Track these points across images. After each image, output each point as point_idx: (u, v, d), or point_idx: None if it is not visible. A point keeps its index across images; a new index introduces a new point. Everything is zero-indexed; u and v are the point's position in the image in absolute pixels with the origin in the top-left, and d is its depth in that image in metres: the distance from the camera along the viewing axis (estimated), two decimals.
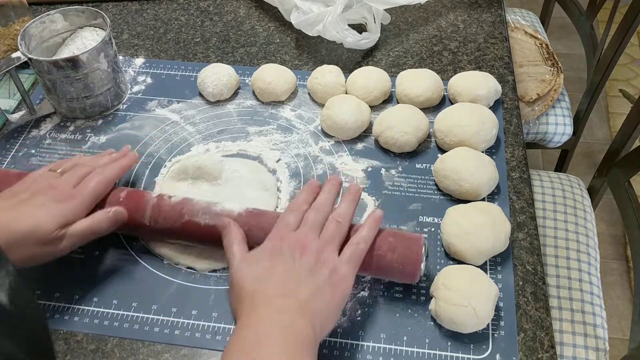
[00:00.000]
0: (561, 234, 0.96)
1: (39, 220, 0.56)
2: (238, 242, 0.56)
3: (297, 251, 0.53)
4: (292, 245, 0.53)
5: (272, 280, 0.51)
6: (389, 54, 0.89)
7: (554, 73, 1.25)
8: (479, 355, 0.56)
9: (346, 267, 0.53)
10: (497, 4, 0.98)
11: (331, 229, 0.56)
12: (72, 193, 0.59)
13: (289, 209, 0.57)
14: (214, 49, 0.91)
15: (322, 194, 0.59)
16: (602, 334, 0.85)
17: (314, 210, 0.57)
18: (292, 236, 0.54)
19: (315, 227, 0.55)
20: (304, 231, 0.55)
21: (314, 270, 0.52)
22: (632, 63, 2.09)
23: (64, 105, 0.78)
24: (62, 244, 0.57)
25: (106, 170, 0.63)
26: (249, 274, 0.52)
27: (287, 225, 0.56)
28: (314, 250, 0.53)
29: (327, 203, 0.58)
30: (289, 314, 0.49)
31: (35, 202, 0.57)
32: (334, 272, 0.52)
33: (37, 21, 0.77)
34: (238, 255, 0.54)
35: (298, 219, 0.56)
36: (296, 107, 0.81)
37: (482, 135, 0.71)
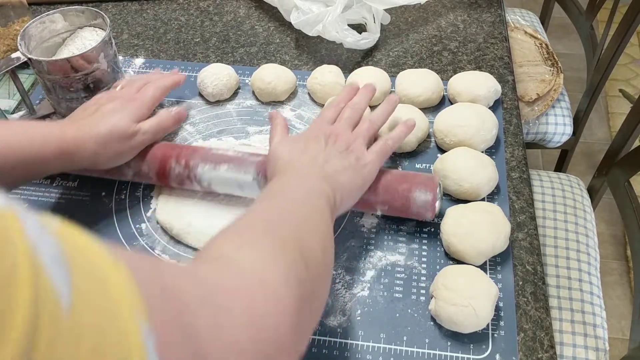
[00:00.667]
0: (561, 234, 0.96)
1: (114, 120, 0.64)
2: (281, 127, 0.64)
3: (331, 138, 0.60)
4: (327, 134, 0.61)
5: (305, 155, 0.58)
6: (389, 54, 0.89)
7: (553, 73, 1.25)
8: (478, 355, 0.56)
9: (372, 156, 0.60)
10: (497, 4, 0.98)
11: (364, 127, 0.63)
12: (135, 97, 0.68)
13: (329, 105, 0.66)
14: (214, 49, 0.91)
15: (358, 95, 0.67)
16: (602, 334, 0.85)
17: (349, 107, 0.65)
18: (329, 127, 0.62)
19: (350, 122, 0.63)
20: (340, 124, 0.63)
21: (343, 154, 0.59)
22: (632, 63, 2.09)
23: (64, 105, 0.78)
24: (137, 138, 0.65)
25: (160, 81, 0.72)
26: (286, 149, 0.60)
27: (325, 118, 0.63)
28: (345, 139, 0.61)
29: (361, 103, 0.66)
30: (316, 179, 0.55)
31: (106, 109, 0.66)
32: (361, 158, 0.60)
33: (37, 21, 0.77)
34: (279, 135, 0.62)
35: (335, 114, 0.64)
36: (296, 107, 0.81)
37: (481, 135, 0.71)
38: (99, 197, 0.70)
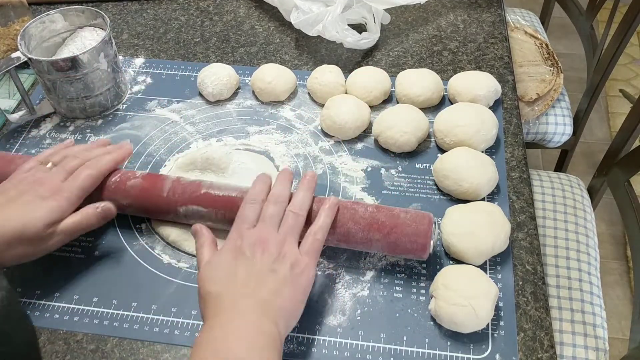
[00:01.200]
0: (561, 234, 0.96)
1: (27, 219, 0.56)
2: (208, 245, 0.56)
3: (258, 249, 0.54)
4: (253, 243, 0.54)
5: (235, 281, 0.52)
6: (389, 54, 0.89)
7: (553, 73, 1.25)
8: (478, 355, 0.56)
9: (306, 258, 0.54)
10: (497, 4, 0.98)
11: (289, 222, 0.56)
12: (60, 188, 0.59)
13: (247, 202, 0.58)
14: (214, 49, 0.91)
15: (277, 184, 0.60)
16: (602, 334, 0.85)
17: (271, 203, 0.58)
18: (253, 233, 0.55)
19: (273, 220, 0.56)
20: (264, 227, 0.56)
21: (274, 267, 0.53)
22: (632, 63, 2.09)
23: (64, 105, 0.78)
24: (52, 240, 0.57)
25: (97, 164, 0.62)
26: (214, 276, 0.53)
27: (246, 220, 0.56)
28: (273, 245, 0.54)
29: (282, 193, 0.59)
30: (254, 314, 0.50)
31: (23, 200, 0.57)
32: (295, 265, 0.53)
33: (37, 21, 0.77)
34: (205, 258, 0.55)
35: (256, 213, 0.57)
36: (296, 107, 0.81)
37: (481, 135, 0.71)
38: None
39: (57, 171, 0.61)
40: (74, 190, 0.59)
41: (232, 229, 0.56)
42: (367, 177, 0.71)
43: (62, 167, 0.61)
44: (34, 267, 0.62)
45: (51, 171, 0.61)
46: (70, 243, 0.65)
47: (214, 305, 0.51)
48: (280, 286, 0.52)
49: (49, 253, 0.59)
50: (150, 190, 0.63)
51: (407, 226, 0.58)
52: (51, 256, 0.58)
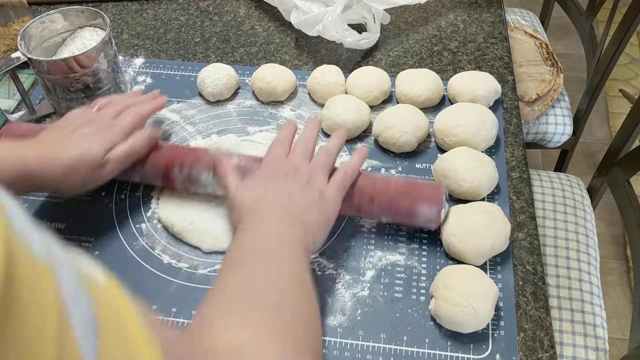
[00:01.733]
0: (561, 234, 0.96)
1: (86, 147, 0.60)
2: (232, 172, 0.60)
3: (289, 173, 0.57)
4: (285, 169, 0.58)
5: (268, 197, 0.56)
6: (389, 54, 0.89)
7: (553, 73, 1.25)
8: (478, 355, 0.56)
9: (333, 189, 0.58)
10: (497, 4, 0.98)
11: (321, 157, 0.60)
12: (111, 124, 0.64)
13: (277, 141, 0.62)
14: (214, 49, 0.91)
15: (306, 129, 0.63)
16: (602, 334, 0.85)
17: (300, 142, 0.61)
18: (284, 162, 0.59)
19: (305, 155, 0.60)
20: (295, 157, 0.59)
21: (305, 189, 0.56)
22: (632, 63, 2.09)
23: (64, 105, 0.78)
24: (108, 167, 0.62)
25: (139, 108, 0.68)
26: (247, 195, 0.56)
27: (277, 153, 0.60)
28: (304, 172, 0.58)
29: (312, 136, 0.62)
30: (284, 223, 0.53)
31: (80, 133, 0.62)
32: (323, 192, 0.57)
33: (36, 21, 0.77)
34: (234, 183, 0.59)
35: (286, 148, 0.61)
36: (296, 107, 0.81)
37: (481, 135, 0.71)
38: (99, 197, 0.70)
39: (106, 112, 0.66)
40: (124, 126, 0.64)
41: (263, 162, 0.60)
42: None
43: (109, 108, 0.67)
44: None
45: (100, 112, 0.66)
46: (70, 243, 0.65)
47: (247, 216, 0.54)
48: (308, 205, 0.55)
49: None
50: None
51: (421, 189, 0.61)
52: None
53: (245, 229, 0.53)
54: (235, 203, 0.57)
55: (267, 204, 0.55)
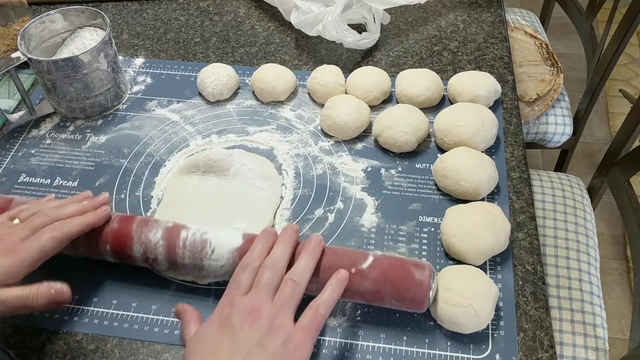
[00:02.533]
0: (561, 234, 0.96)
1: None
2: (194, 322, 0.53)
3: (247, 319, 0.49)
4: (242, 312, 0.49)
5: (219, 355, 0.47)
6: (389, 54, 0.89)
7: (553, 73, 1.25)
8: (478, 355, 0.56)
9: (303, 334, 0.49)
10: (497, 4, 0.98)
11: (287, 291, 0.51)
12: (17, 247, 0.53)
13: (241, 267, 0.53)
14: (214, 49, 0.91)
15: (276, 247, 0.54)
16: (602, 334, 0.85)
17: (267, 268, 0.52)
18: (244, 301, 0.50)
19: (269, 288, 0.51)
20: (257, 294, 0.50)
21: (264, 341, 0.47)
22: (632, 63, 2.09)
23: (64, 105, 0.78)
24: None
25: (64, 226, 0.56)
26: (198, 350, 0.49)
27: (239, 286, 0.51)
28: (265, 316, 0.49)
29: (282, 258, 0.53)
30: None
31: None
32: (289, 340, 0.48)
33: (36, 21, 0.77)
34: (191, 329, 0.52)
35: (250, 278, 0.52)
36: (296, 107, 0.81)
37: (481, 135, 0.71)
38: None
39: (22, 228, 0.55)
40: (31, 251, 0.53)
41: (223, 295, 0.52)
42: (367, 177, 0.71)
43: (28, 224, 0.56)
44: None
45: (15, 227, 0.56)
46: None
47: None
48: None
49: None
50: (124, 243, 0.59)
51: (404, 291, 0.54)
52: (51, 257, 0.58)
53: None
54: (186, 354, 0.49)
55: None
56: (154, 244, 0.58)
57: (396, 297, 0.54)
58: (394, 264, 0.55)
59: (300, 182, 0.71)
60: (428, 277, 0.54)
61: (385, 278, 0.54)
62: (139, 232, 0.59)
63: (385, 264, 0.55)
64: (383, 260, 0.55)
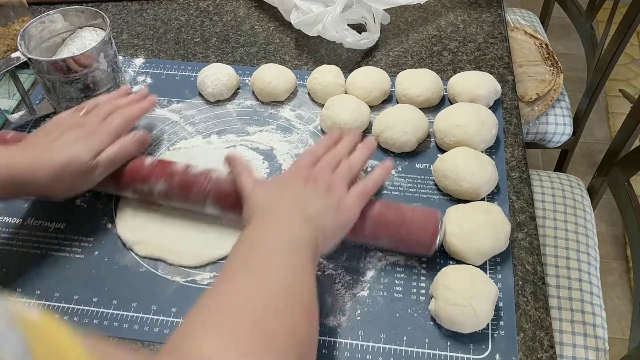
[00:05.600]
0: (561, 234, 0.96)
1: (74, 152, 0.60)
2: (247, 170, 0.60)
3: (310, 180, 0.57)
4: (306, 175, 0.58)
5: (285, 197, 0.56)
6: (389, 54, 0.89)
7: (553, 73, 1.25)
8: (478, 355, 0.56)
9: (353, 198, 0.57)
10: (496, 4, 0.98)
11: (344, 169, 0.60)
12: (99, 129, 0.64)
13: (307, 151, 0.62)
14: (214, 49, 0.91)
15: (340, 144, 0.63)
16: (602, 334, 0.85)
17: (329, 155, 0.61)
18: (308, 170, 0.59)
19: (329, 166, 0.60)
20: (319, 167, 0.59)
21: (323, 195, 0.56)
22: (632, 63, 2.09)
23: (64, 105, 0.78)
24: (96, 171, 0.62)
25: (128, 110, 0.67)
26: (264, 195, 0.57)
27: (304, 162, 0.60)
28: (325, 180, 0.58)
29: (342, 151, 0.62)
30: (296, 224, 0.53)
31: (68, 138, 0.62)
32: (342, 201, 0.57)
33: (36, 21, 0.77)
34: (250, 182, 0.58)
35: (314, 159, 0.60)
36: (296, 107, 0.81)
37: (481, 135, 0.71)
38: (99, 197, 0.70)
39: (93, 116, 0.66)
40: (111, 130, 0.64)
41: (289, 167, 0.61)
42: None
43: (96, 113, 0.66)
44: (34, 267, 0.63)
45: (87, 116, 0.66)
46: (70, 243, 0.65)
47: (261, 215, 0.54)
48: (324, 210, 0.55)
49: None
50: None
51: (413, 226, 0.59)
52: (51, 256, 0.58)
53: (254, 227, 0.53)
54: (250, 200, 0.57)
55: (281, 203, 0.55)
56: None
57: (405, 230, 0.60)
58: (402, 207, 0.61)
59: None
60: (435, 219, 0.59)
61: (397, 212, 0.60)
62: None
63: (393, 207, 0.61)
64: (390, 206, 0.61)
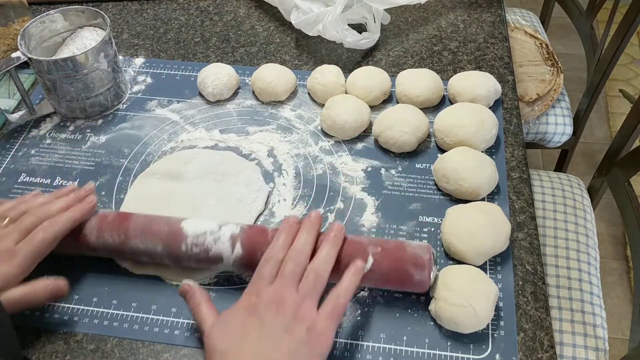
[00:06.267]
0: (561, 234, 0.96)
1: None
2: (205, 303, 0.54)
3: (272, 308, 0.50)
4: (268, 302, 0.51)
5: (246, 341, 0.49)
6: (389, 53, 0.89)
7: (553, 73, 1.25)
8: (478, 355, 0.56)
9: (325, 321, 0.51)
10: (497, 4, 0.98)
11: (310, 282, 0.52)
12: (12, 252, 0.55)
13: (265, 259, 0.54)
14: (214, 49, 0.91)
15: (300, 235, 0.56)
16: (602, 334, 0.85)
17: (291, 259, 0.54)
18: (268, 291, 0.52)
19: (293, 279, 0.52)
20: (281, 285, 0.52)
21: (290, 329, 0.49)
22: (632, 63, 2.09)
23: (64, 105, 0.78)
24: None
25: (55, 225, 0.57)
26: (222, 334, 0.50)
27: (263, 278, 0.53)
28: (290, 305, 0.51)
29: (305, 248, 0.55)
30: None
31: None
32: (312, 328, 0.50)
33: (37, 21, 0.77)
34: (209, 319, 0.52)
35: (274, 270, 0.53)
36: (296, 107, 0.81)
37: (481, 135, 0.71)
38: (99, 197, 0.70)
39: (12, 231, 0.56)
40: (27, 256, 0.55)
41: (248, 285, 0.53)
42: (367, 177, 0.71)
43: (17, 226, 0.57)
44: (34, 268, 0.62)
45: (6, 229, 0.57)
46: None
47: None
48: (295, 348, 0.48)
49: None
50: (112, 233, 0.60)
51: (406, 278, 0.56)
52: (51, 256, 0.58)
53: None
54: (207, 344, 0.50)
55: (244, 351, 0.48)
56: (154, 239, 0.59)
57: (399, 287, 0.58)
58: (393, 267, 0.56)
59: (300, 182, 0.71)
60: (427, 276, 0.56)
61: (387, 280, 0.57)
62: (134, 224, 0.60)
63: (384, 267, 0.56)
64: (382, 262, 0.56)
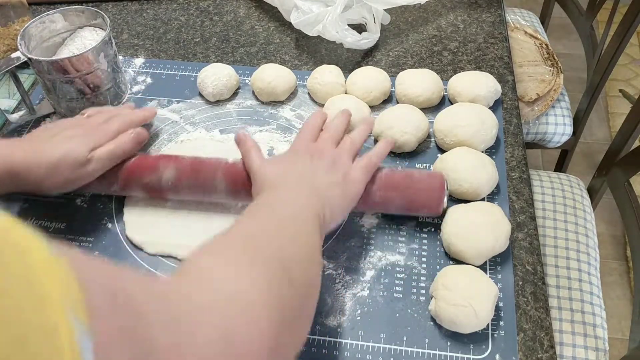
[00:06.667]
0: (561, 234, 0.96)
1: (70, 146, 0.62)
2: (256, 149, 0.61)
3: (315, 155, 0.59)
4: (312, 150, 0.60)
5: (292, 171, 0.57)
6: (389, 54, 0.89)
7: (553, 73, 1.25)
8: (478, 355, 0.56)
9: (359, 172, 0.59)
10: (497, 4, 0.98)
11: (346, 143, 0.62)
12: (98, 128, 0.65)
13: (305, 127, 0.63)
14: (214, 49, 0.91)
15: (335, 119, 0.65)
16: (602, 334, 0.85)
17: (327, 129, 0.63)
18: (311, 145, 0.61)
19: (332, 140, 0.61)
20: (322, 141, 0.61)
21: (329, 171, 0.58)
22: (632, 63, 2.09)
23: (64, 105, 0.78)
24: (90, 166, 0.62)
25: (129, 116, 0.69)
26: (272, 170, 0.58)
27: (306, 137, 0.62)
28: (330, 154, 0.59)
29: (340, 124, 0.64)
30: (304, 193, 0.54)
31: (66, 134, 0.64)
32: (348, 174, 0.58)
33: (36, 21, 0.77)
34: (258, 160, 0.60)
35: (315, 133, 0.62)
36: (296, 107, 0.81)
37: (481, 135, 0.71)
38: (99, 197, 0.70)
39: (95, 118, 0.68)
40: (109, 130, 0.65)
41: (292, 144, 0.62)
42: None
43: (98, 115, 0.69)
44: None
45: (89, 118, 0.69)
46: (70, 243, 0.65)
47: (270, 189, 0.55)
48: (332, 184, 0.56)
49: None
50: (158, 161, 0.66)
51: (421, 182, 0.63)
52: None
53: (263, 196, 0.54)
54: (258, 176, 0.58)
55: (289, 178, 0.56)
56: None
57: (416, 205, 0.63)
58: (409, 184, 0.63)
59: None
60: (442, 192, 0.62)
61: (404, 195, 0.63)
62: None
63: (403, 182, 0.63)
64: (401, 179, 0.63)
